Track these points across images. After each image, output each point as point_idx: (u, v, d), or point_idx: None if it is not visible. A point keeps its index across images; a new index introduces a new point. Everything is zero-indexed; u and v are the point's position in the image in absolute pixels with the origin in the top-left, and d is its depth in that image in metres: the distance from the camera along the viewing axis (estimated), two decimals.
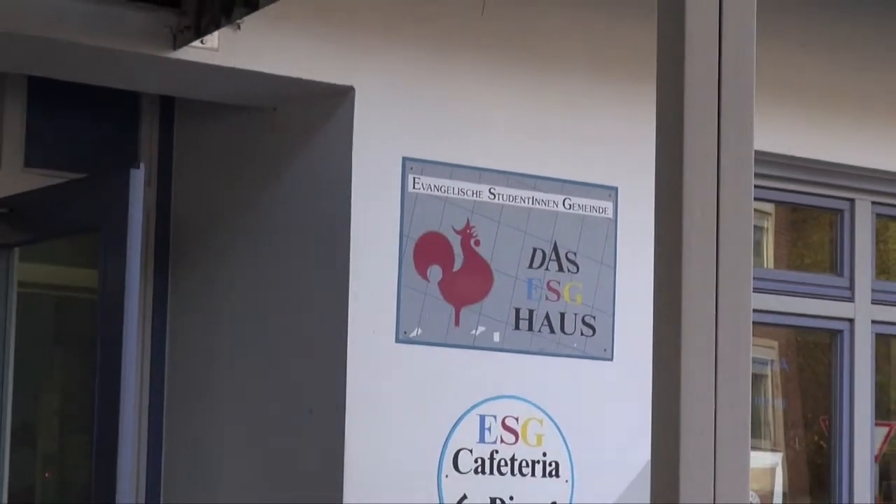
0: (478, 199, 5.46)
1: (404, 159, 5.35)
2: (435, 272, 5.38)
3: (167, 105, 5.92)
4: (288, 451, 5.45)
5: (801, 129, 5.99)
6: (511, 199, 5.51)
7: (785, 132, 5.71)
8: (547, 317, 5.54)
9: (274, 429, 5.51)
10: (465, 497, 5.37)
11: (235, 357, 5.69)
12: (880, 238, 6.67)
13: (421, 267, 5.35)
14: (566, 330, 5.57)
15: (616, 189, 5.65)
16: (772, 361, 6.80)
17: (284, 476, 5.45)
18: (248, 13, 4.75)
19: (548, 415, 5.53)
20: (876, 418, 6.60)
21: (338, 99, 5.33)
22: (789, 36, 5.58)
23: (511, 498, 5.45)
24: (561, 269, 5.58)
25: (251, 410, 5.61)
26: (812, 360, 6.80)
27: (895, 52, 6.30)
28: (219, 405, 5.73)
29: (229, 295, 5.74)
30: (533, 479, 5.51)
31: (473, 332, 5.42)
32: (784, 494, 6.73)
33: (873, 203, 6.60)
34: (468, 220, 5.43)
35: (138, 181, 5.12)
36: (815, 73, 6.03)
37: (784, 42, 5.39)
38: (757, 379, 6.58)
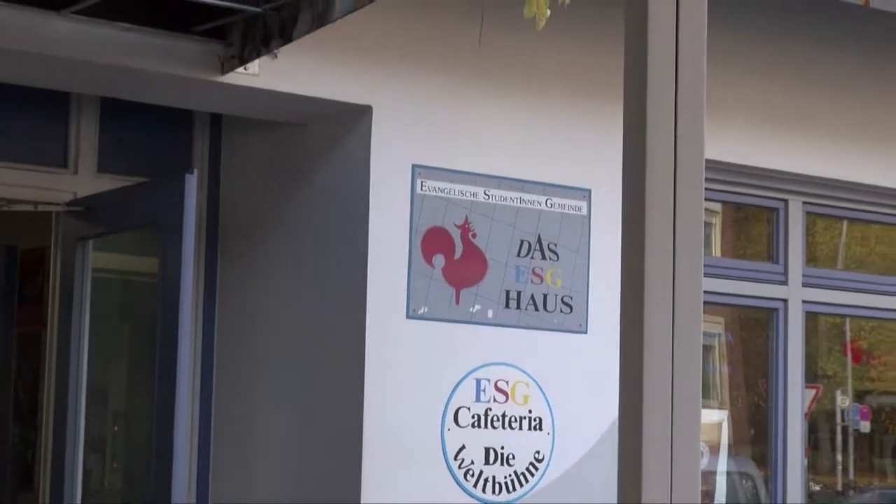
0: (474, 199, 5.46)
1: (413, 166, 5.35)
2: (439, 260, 5.38)
3: (216, 121, 5.92)
4: (317, 407, 5.45)
5: (744, 141, 5.98)
6: (502, 199, 5.51)
7: (730, 143, 5.71)
8: (532, 297, 5.54)
9: (305, 389, 5.51)
10: (463, 447, 5.37)
11: (272, 329, 5.69)
12: (809, 232, 6.66)
13: (427, 256, 5.36)
14: (548, 308, 5.57)
15: (589, 191, 5.64)
16: (719, 335, 6.80)
17: (314, 426, 5.46)
18: (283, 44, 4.75)
19: (533, 379, 5.54)
20: (805, 382, 6.60)
21: (358, 116, 5.32)
22: (735, 63, 5.57)
23: (502, 448, 5.45)
24: (544, 257, 5.58)
25: (287, 374, 5.61)
26: (752, 333, 6.80)
27: (821, 77, 6.29)
28: (260, 368, 5.73)
29: (268, 279, 5.74)
30: (520, 432, 5.51)
31: (471, 309, 5.42)
32: (729, 446, 6.72)
33: (804, 203, 6.59)
34: (466, 217, 5.43)
35: (192, 185, 5.13)
36: (757, 94, 6.02)
37: (730, 68, 5.38)
38: (706, 349, 6.59)
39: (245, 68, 4.97)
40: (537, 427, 5.54)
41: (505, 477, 5.47)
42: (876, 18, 5.50)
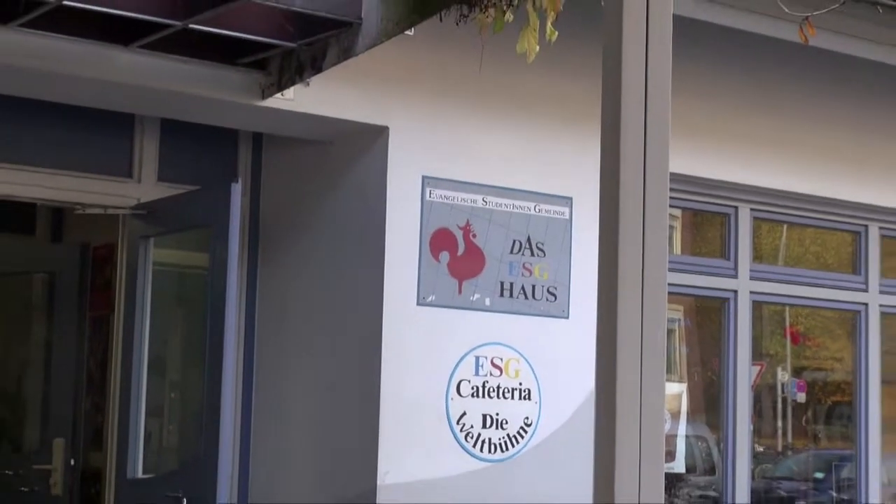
0: (474, 205, 5.45)
1: (423, 177, 5.34)
2: (444, 256, 5.37)
3: (257, 138, 5.91)
4: (341, 378, 5.45)
5: (701, 157, 5.97)
6: (497, 205, 5.50)
7: (690, 159, 5.70)
8: (522, 288, 5.53)
9: (331, 364, 5.51)
10: (464, 413, 5.37)
11: (303, 314, 5.69)
12: (756, 234, 6.66)
13: (434, 252, 5.35)
14: (536, 297, 5.56)
15: (571, 199, 5.64)
16: (679, 320, 6.79)
17: (339, 393, 5.46)
18: (314, 74, 4.74)
19: (523, 356, 5.53)
20: (751, 360, 6.60)
21: (376, 135, 5.32)
22: (695, 93, 5.57)
23: (497, 414, 5.45)
24: (533, 254, 5.57)
25: (316, 351, 5.61)
26: (707, 319, 6.80)
27: (765, 104, 6.28)
28: (293, 346, 5.72)
29: (300, 272, 5.74)
30: (512, 401, 5.51)
31: (472, 298, 5.41)
32: (687, 413, 6.72)
33: (751, 209, 6.58)
34: (468, 220, 5.42)
35: (237, 192, 5.13)
36: (712, 118, 6.01)
37: (691, 97, 5.38)
38: (669, 332, 6.59)
39: (282, 94, 4.97)
40: (526, 397, 5.53)
41: (499, 439, 5.46)
42: (813, 54, 5.49)
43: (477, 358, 5.42)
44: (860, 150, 6.64)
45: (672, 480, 6.46)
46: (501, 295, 5.48)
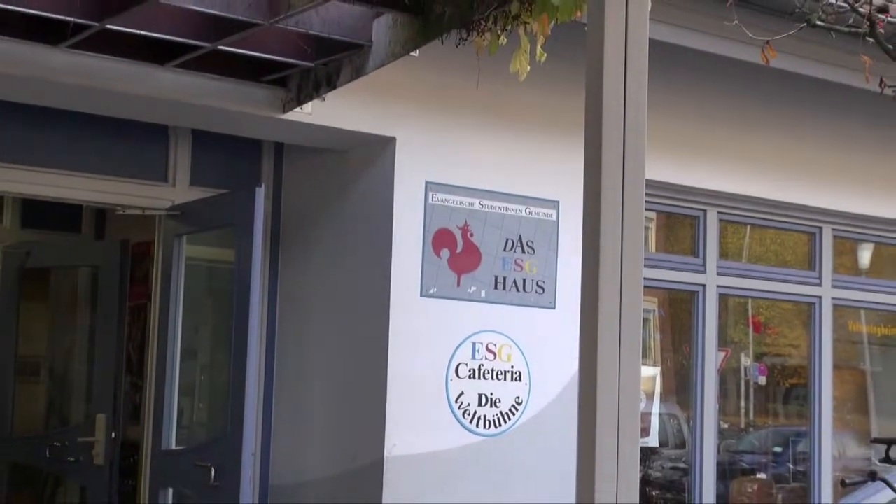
0: (472, 208, 5.45)
1: (426, 182, 5.34)
2: (445, 253, 5.37)
3: (279, 147, 5.91)
4: (353, 361, 5.46)
5: (674, 166, 5.97)
6: (493, 208, 5.50)
7: (664, 167, 5.70)
8: (514, 281, 5.53)
9: (344, 348, 5.51)
10: (462, 393, 5.37)
11: (320, 304, 5.69)
12: (722, 234, 6.66)
13: (436, 249, 5.35)
14: (526, 290, 5.56)
15: (558, 202, 5.64)
16: (654, 311, 6.79)
17: (350, 376, 5.46)
18: (329, 90, 4.74)
19: (515, 342, 5.53)
20: (718, 346, 6.60)
21: (385, 145, 5.32)
22: (668, 109, 5.57)
23: (491, 394, 5.45)
24: (523, 252, 5.57)
25: (331, 337, 5.61)
26: (679, 310, 6.80)
27: (731, 118, 6.28)
28: (310, 333, 5.73)
29: (317, 267, 5.74)
30: (505, 382, 5.50)
31: (469, 290, 5.41)
32: (660, 394, 6.72)
33: (718, 212, 6.59)
34: (466, 221, 5.42)
35: (260, 195, 5.12)
36: (684, 131, 6.01)
37: (665, 112, 5.38)
38: (644, 321, 6.57)
39: (301, 108, 4.97)
40: (517, 379, 5.53)
41: (493, 416, 5.46)
42: (773, 75, 5.49)
43: (473, 344, 5.42)
44: (815, 160, 6.65)
45: (647, 454, 6.47)
46: (495, 288, 5.48)
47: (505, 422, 5.49)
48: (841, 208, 6.87)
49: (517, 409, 5.52)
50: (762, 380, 7.15)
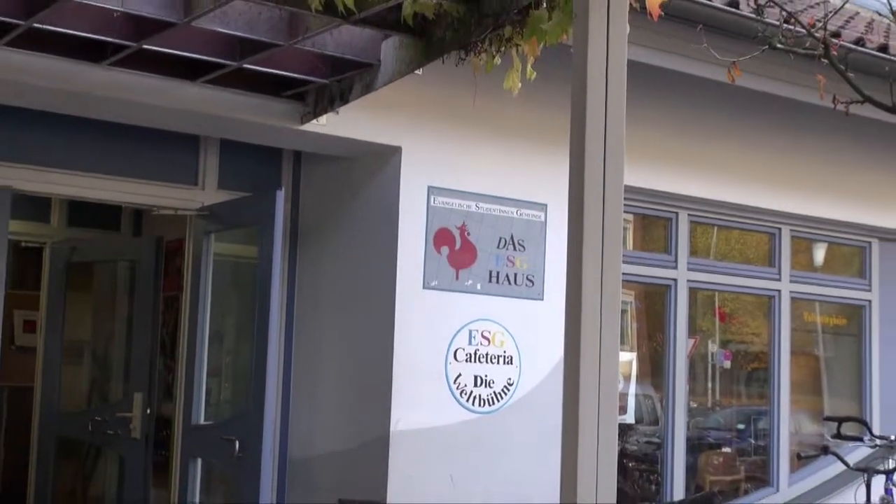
0: (469, 210, 5.44)
1: (428, 187, 5.33)
2: (445, 250, 5.37)
3: (297, 155, 5.90)
4: (362, 346, 5.46)
5: (650, 173, 5.97)
6: (487, 210, 5.50)
7: (641, 174, 5.70)
8: (507, 275, 5.53)
9: (355, 334, 5.51)
10: (460, 374, 5.36)
11: (333, 295, 5.69)
12: (692, 234, 6.65)
13: (437, 247, 5.34)
14: (517, 283, 5.56)
15: (546, 205, 5.63)
16: (631, 302, 6.78)
17: (360, 359, 5.46)
18: (342, 104, 4.74)
19: (507, 330, 5.52)
20: (688, 334, 6.60)
21: (392, 153, 5.31)
22: (644, 122, 5.56)
23: (486, 375, 5.44)
24: (515, 249, 5.56)
25: (343, 324, 5.61)
26: (653, 301, 6.79)
27: (700, 131, 6.28)
28: (324, 320, 5.73)
29: (330, 262, 5.74)
30: (498, 365, 5.50)
31: (466, 283, 5.40)
32: (636, 376, 6.72)
33: (689, 214, 6.59)
34: (464, 221, 5.42)
35: (280, 198, 5.12)
36: (659, 142, 6.01)
37: (642, 124, 5.37)
38: (622, 312, 6.58)
39: (317, 120, 4.96)
40: (509, 362, 5.53)
41: (487, 395, 5.46)
42: (738, 92, 5.48)
43: (470, 331, 5.41)
44: (775, 168, 6.65)
45: (624, 430, 6.47)
46: (490, 281, 5.48)
47: (498, 400, 5.49)
48: (798, 211, 6.88)
49: (509, 390, 5.52)
50: (727, 364, 7.15)
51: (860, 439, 6.34)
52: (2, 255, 5.13)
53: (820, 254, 7.49)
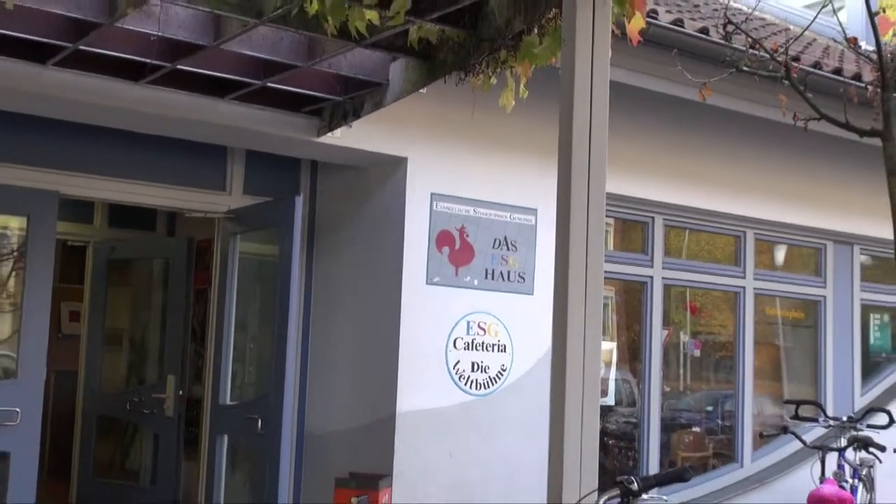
0: (467, 214, 5.45)
1: (431, 194, 5.33)
2: (445, 250, 5.37)
3: (314, 164, 5.91)
4: (371, 335, 5.45)
5: (629, 182, 5.98)
6: (484, 214, 5.50)
7: (621, 183, 5.69)
8: (501, 273, 5.53)
9: (365, 324, 5.51)
10: (459, 361, 5.36)
11: (345, 289, 5.69)
12: (666, 236, 6.65)
13: (439, 247, 5.34)
14: (511, 280, 5.56)
15: (536, 210, 5.63)
16: (611, 297, 6.78)
17: (369, 346, 5.46)
18: (355, 119, 4.74)
19: (501, 321, 5.52)
20: (662, 326, 6.61)
21: (399, 163, 5.31)
22: (625, 135, 5.56)
23: (482, 362, 5.44)
24: (508, 249, 5.56)
25: (354, 315, 5.61)
26: (631, 296, 6.78)
27: (673, 145, 6.28)
28: (338, 311, 5.73)
29: (344, 260, 5.74)
30: (492, 353, 5.51)
31: (465, 279, 5.40)
32: (616, 363, 6.71)
33: (664, 219, 6.59)
34: (463, 224, 5.42)
35: (299, 203, 5.13)
36: (638, 153, 6.01)
37: (623, 138, 5.38)
38: (604, 305, 6.56)
39: (332, 134, 4.97)
40: (502, 350, 5.53)
41: (483, 380, 5.46)
42: (708, 110, 5.49)
43: (468, 322, 5.41)
44: (741, 178, 6.65)
45: (605, 411, 6.47)
46: (486, 278, 5.48)
47: (492, 384, 5.49)
48: (761, 216, 6.88)
49: (502, 375, 5.52)
50: (697, 353, 7.14)
51: (816, 420, 6.34)
52: (50, 253, 5.13)
53: (780, 254, 7.50)
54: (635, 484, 2.26)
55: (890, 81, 3.51)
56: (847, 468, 5.99)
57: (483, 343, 5.45)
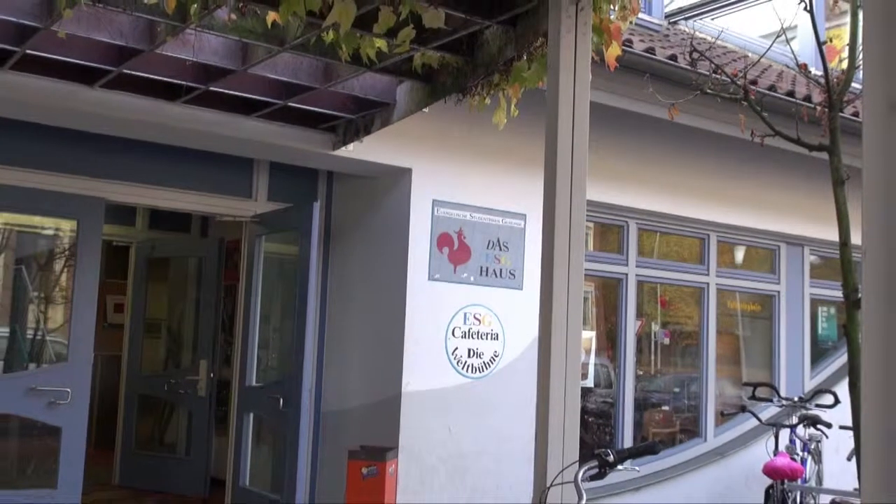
0: (465, 218, 5.44)
1: (433, 200, 5.33)
2: (445, 250, 5.37)
3: (330, 174, 5.90)
4: (380, 325, 5.45)
5: (607, 190, 5.97)
6: (480, 219, 5.49)
7: (600, 191, 5.70)
8: (494, 270, 5.53)
9: (374, 316, 5.51)
10: (457, 348, 5.36)
11: (357, 284, 5.69)
12: (640, 238, 6.64)
13: (439, 247, 5.34)
14: (502, 276, 5.56)
15: (525, 215, 5.63)
16: (591, 292, 6.77)
17: (378, 334, 5.45)
18: (366, 135, 4.74)
19: (494, 313, 5.52)
20: (636, 317, 6.60)
21: (404, 173, 5.31)
22: (604, 149, 5.56)
23: (477, 348, 5.44)
24: (500, 250, 5.56)
25: (365, 307, 5.61)
26: (609, 291, 6.78)
27: (647, 159, 6.28)
28: (350, 304, 5.72)
29: (356, 259, 5.74)
30: (486, 341, 5.50)
31: (462, 276, 5.40)
32: (595, 350, 6.70)
33: (637, 223, 6.58)
34: (460, 227, 5.42)
35: (316, 208, 5.13)
36: (615, 165, 6.01)
37: (602, 152, 5.38)
38: (585, 299, 6.56)
39: (345, 147, 4.96)
40: (495, 338, 5.53)
41: (478, 364, 5.46)
42: (676, 127, 5.49)
43: (465, 313, 5.41)
44: (705, 187, 6.65)
45: (585, 392, 6.46)
46: (481, 274, 5.48)
47: (486, 369, 5.49)
48: (723, 221, 6.88)
49: (495, 360, 5.52)
50: (666, 341, 7.14)
51: (770, 400, 6.35)
52: (97, 252, 5.14)
53: (740, 254, 7.50)
54: (611, 456, 2.26)
55: (836, 102, 3.52)
56: (798, 443, 5.99)
57: (478, 332, 5.46)
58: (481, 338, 5.47)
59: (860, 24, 3.63)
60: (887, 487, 1.19)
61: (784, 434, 5.98)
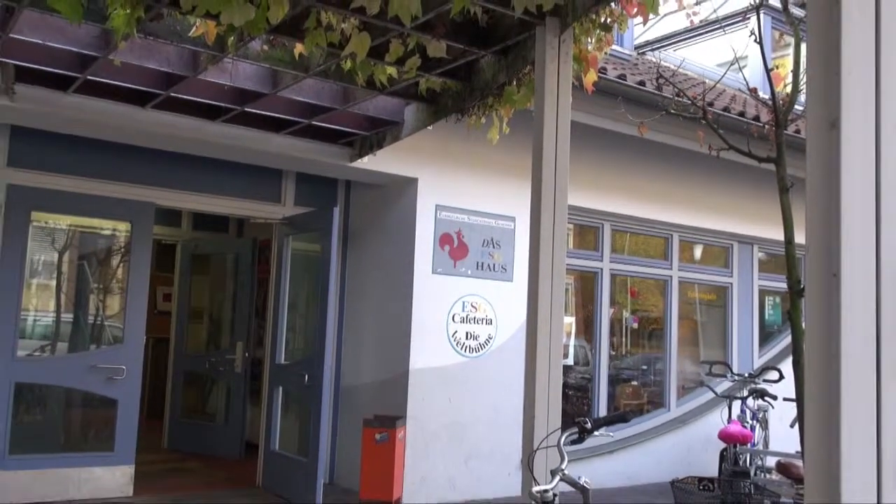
0: (463, 220, 5.44)
1: (436, 205, 5.33)
2: (447, 248, 5.37)
3: (348, 183, 5.90)
4: (390, 312, 5.45)
5: (585, 197, 5.97)
6: (476, 221, 5.49)
7: (579, 197, 5.69)
8: (488, 265, 5.52)
9: (385, 305, 5.50)
10: (456, 331, 5.36)
11: (371, 278, 5.68)
12: (613, 238, 6.62)
13: (441, 245, 5.34)
14: (495, 270, 5.55)
15: (515, 217, 5.63)
16: (571, 283, 6.76)
17: (389, 321, 5.45)
18: (378, 149, 4.74)
19: (488, 301, 5.52)
20: (609, 305, 6.59)
21: (411, 182, 5.31)
22: (582, 161, 5.56)
23: (473, 332, 5.44)
24: (494, 247, 5.55)
25: (377, 298, 5.60)
26: (586, 284, 6.77)
27: (621, 167, 6.27)
28: (364, 295, 5.72)
29: (370, 256, 5.73)
30: (481, 325, 5.50)
31: (461, 270, 5.40)
32: (575, 333, 6.70)
33: (611, 225, 6.57)
34: (460, 228, 5.41)
35: (336, 213, 5.11)
36: (592, 175, 6.00)
37: (579, 163, 5.39)
38: (566, 290, 6.53)
39: (361, 160, 4.96)
40: (489, 323, 5.53)
41: (475, 346, 5.46)
42: (644, 142, 5.48)
43: (463, 302, 5.41)
44: (669, 193, 6.64)
45: (566, 369, 6.46)
46: (477, 269, 5.47)
47: (481, 349, 5.49)
48: (684, 223, 6.87)
49: (489, 342, 5.52)
50: (635, 325, 7.13)
51: (724, 376, 6.34)
52: (148, 249, 5.14)
53: (698, 252, 7.49)
54: (589, 424, 2.26)
55: (782, 121, 3.52)
56: (748, 412, 5.99)
57: (474, 318, 5.45)
58: (477, 323, 5.47)
59: (803, 54, 3.63)
60: (826, 448, 1.19)
61: (736, 405, 5.99)
